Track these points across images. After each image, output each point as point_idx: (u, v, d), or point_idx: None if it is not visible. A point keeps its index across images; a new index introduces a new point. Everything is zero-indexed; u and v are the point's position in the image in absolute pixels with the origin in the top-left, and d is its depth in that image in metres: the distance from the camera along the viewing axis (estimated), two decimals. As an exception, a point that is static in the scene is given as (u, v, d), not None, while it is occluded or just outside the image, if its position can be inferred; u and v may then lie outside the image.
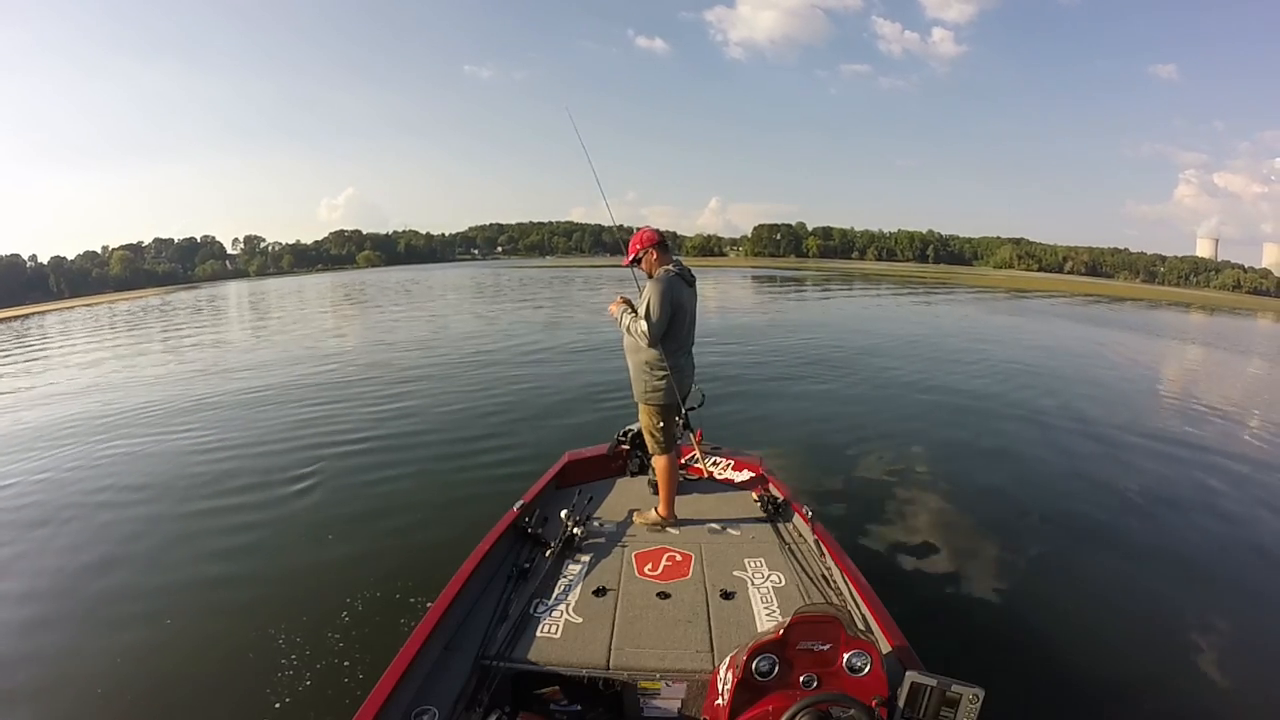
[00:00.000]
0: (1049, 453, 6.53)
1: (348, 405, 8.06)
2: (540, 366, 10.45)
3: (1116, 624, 3.55)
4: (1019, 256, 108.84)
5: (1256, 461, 6.71)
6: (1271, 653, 3.41)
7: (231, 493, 5.29)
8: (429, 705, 1.88)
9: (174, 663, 3.16)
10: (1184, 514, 5.17)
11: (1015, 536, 4.59)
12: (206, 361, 12.63)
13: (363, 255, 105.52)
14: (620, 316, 3.11)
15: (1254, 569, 4.31)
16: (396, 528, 4.52)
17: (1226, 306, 46.19)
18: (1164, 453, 6.75)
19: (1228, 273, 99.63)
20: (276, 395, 8.81)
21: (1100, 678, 3.04)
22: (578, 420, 7.07)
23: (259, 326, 20.79)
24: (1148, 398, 10.00)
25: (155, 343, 17.44)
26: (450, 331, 15.80)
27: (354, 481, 5.42)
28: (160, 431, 7.22)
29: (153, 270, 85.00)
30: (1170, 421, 8.24)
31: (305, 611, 3.46)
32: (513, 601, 2.44)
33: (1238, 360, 16.20)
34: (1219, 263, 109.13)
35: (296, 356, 12.56)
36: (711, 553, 2.83)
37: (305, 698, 2.81)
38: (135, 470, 6.00)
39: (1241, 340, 21.77)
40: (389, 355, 12.19)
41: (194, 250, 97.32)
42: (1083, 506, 5.18)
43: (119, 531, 4.73)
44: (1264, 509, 5.32)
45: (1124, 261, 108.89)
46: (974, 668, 1.73)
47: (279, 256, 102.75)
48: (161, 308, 33.87)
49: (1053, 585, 3.97)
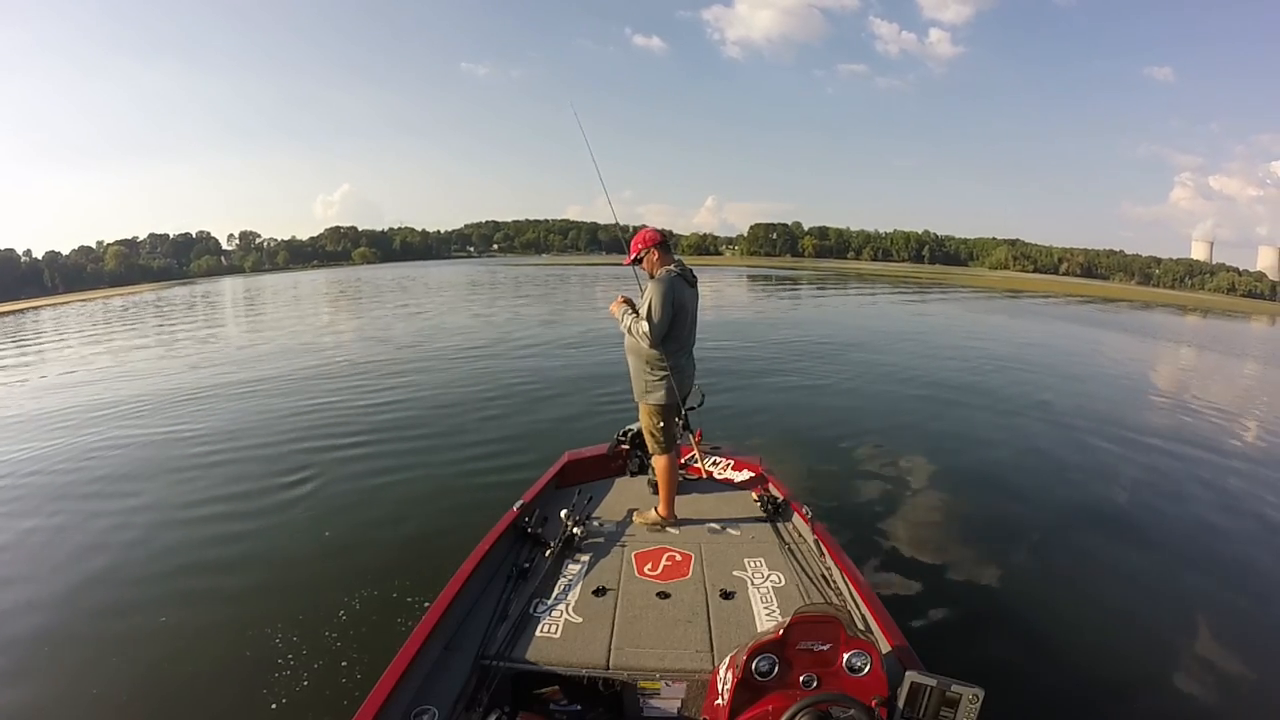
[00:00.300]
0: (1048, 452, 6.55)
1: (346, 404, 8.04)
2: (540, 365, 10.44)
3: (1117, 623, 3.57)
4: (1014, 257, 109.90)
5: (1256, 460, 6.74)
6: (1271, 650, 3.42)
7: (228, 491, 5.27)
8: (429, 705, 1.88)
9: (170, 662, 3.15)
10: (1184, 513, 5.19)
11: (1015, 536, 4.60)
12: (202, 358, 12.59)
13: (358, 252, 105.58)
14: (621, 316, 3.10)
15: (1255, 568, 4.33)
16: (396, 527, 4.51)
17: (1221, 309, 46.57)
18: (1163, 451, 6.78)
19: (1222, 275, 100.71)
20: (274, 392, 8.79)
21: (1100, 677, 3.05)
22: (578, 420, 7.07)
23: (256, 323, 20.73)
24: (1148, 398, 10.04)
25: (150, 338, 17.40)
26: (450, 329, 15.78)
27: (353, 481, 5.40)
28: (157, 428, 7.20)
29: (148, 266, 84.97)
30: (1169, 421, 8.26)
31: (304, 611, 3.45)
32: (513, 601, 2.44)
33: (1235, 363, 16.31)
34: (1214, 265, 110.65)
35: (295, 353, 12.53)
36: (711, 553, 2.84)
37: (304, 698, 2.81)
38: (133, 468, 5.98)
39: (1237, 343, 21.91)
40: (388, 353, 12.16)
41: (189, 246, 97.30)
42: (1083, 506, 5.20)
43: (110, 525, 4.72)
44: (1265, 507, 5.35)
45: (1119, 263, 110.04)
46: (974, 668, 1.73)
47: (274, 253, 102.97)
48: (156, 304, 33.70)
49: (1053, 585, 3.98)
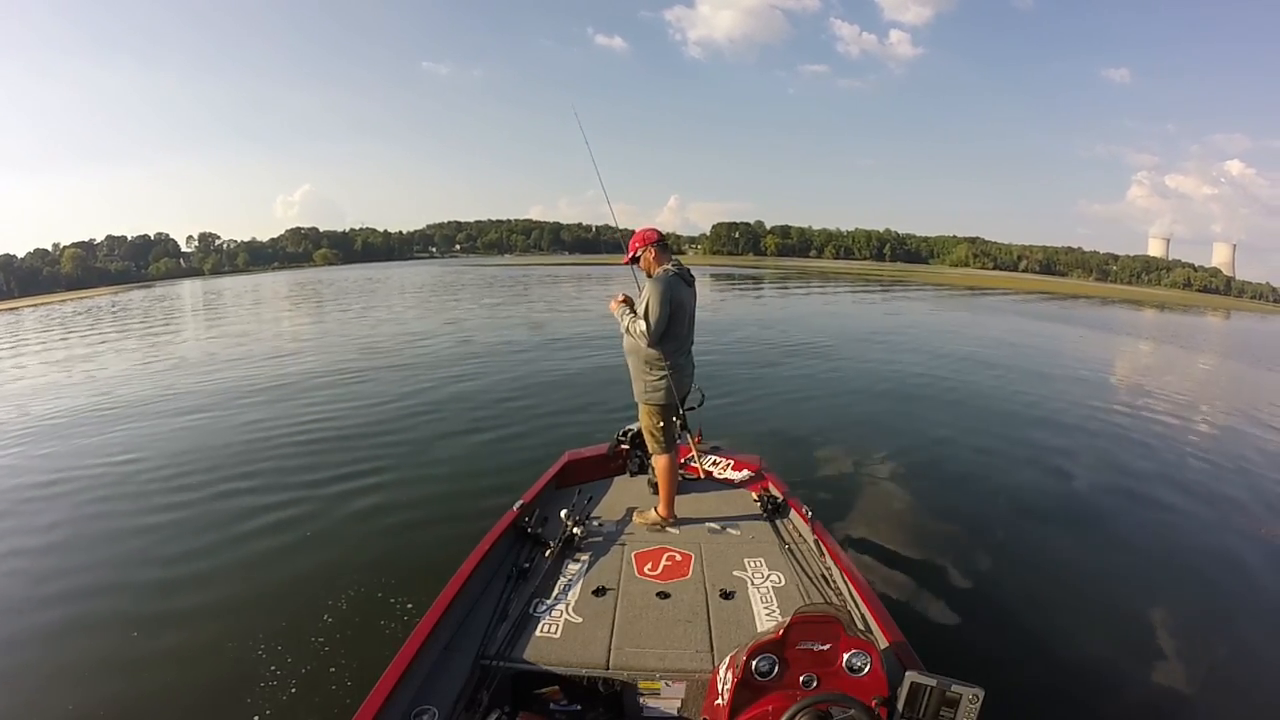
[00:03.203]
0: (1048, 451, 6.54)
1: (344, 404, 8.04)
2: (539, 366, 10.43)
3: (1118, 622, 3.56)
4: (974, 255, 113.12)
5: (1257, 458, 6.73)
6: (1271, 649, 3.42)
7: (226, 490, 5.26)
8: (429, 705, 1.88)
9: (166, 662, 3.14)
10: (1185, 512, 5.18)
11: (1016, 535, 4.60)
12: (197, 358, 12.59)
13: (319, 253, 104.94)
14: (620, 315, 3.10)
15: (1255, 567, 4.32)
16: (396, 527, 4.51)
17: (1177, 303, 47.27)
18: (1163, 450, 6.78)
19: (1178, 271, 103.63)
20: (267, 395, 8.77)
21: (1101, 676, 3.05)
22: (578, 420, 7.07)
23: (235, 325, 20.71)
24: (1148, 397, 10.03)
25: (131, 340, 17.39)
26: (439, 331, 15.74)
27: (352, 481, 5.39)
28: (153, 426, 7.22)
29: (105, 269, 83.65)
30: (1168, 418, 8.25)
31: (303, 611, 3.45)
32: (512, 601, 2.44)
33: (1204, 357, 16.86)
34: (1170, 262, 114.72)
35: (278, 357, 12.44)
36: (711, 552, 2.83)
37: (304, 698, 2.80)
38: (131, 470, 5.99)
39: (1198, 337, 22.61)
40: (384, 353, 12.13)
41: (148, 248, 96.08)
42: (1084, 505, 5.20)
43: (104, 529, 4.69)
44: (1264, 507, 5.34)
45: (1077, 260, 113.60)
46: (974, 668, 1.72)
47: (234, 254, 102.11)
48: (111, 309, 30.72)
49: (1054, 584, 3.97)
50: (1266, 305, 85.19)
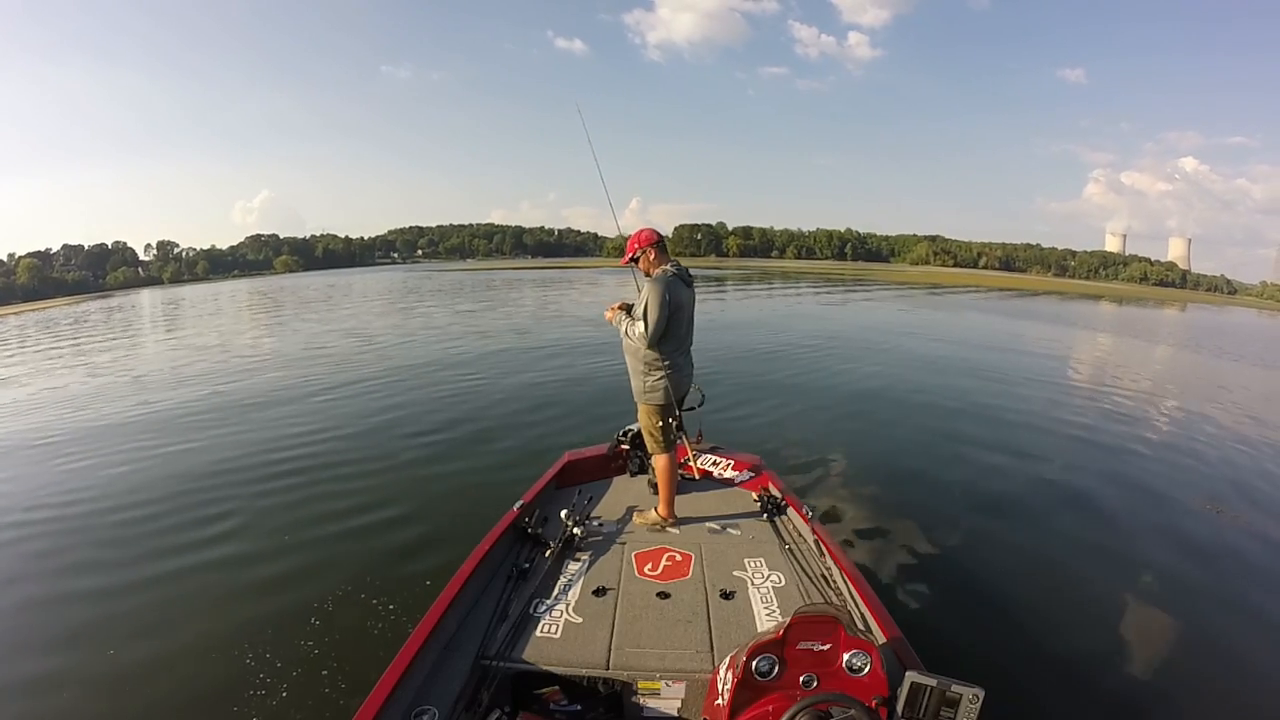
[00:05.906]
0: (1047, 450, 6.54)
1: (343, 405, 8.05)
2: (535, 367, 10.43)
3: (1118, 622, 3.55)
4: (935, 253, 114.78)
5: (1254, 456, 6.73)
6: (1270, 647, 3.41)
7: (225, 489, 5.26)
8: (429, 705, 1.88)
9: (163, 663, 3.13)
10: (1186, 510, 5.18)
11: (1016, 535, 4.59)
12: (191, 363, 12.60)
13: (280, 260, 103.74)
14: (618, 323, 3.11)
15: (1256, 567, 4.32)
16: (396, 527, 4.51)
17: (1134, 297, 47.62)
18: (1161, 450, 6.77)
19: (1135, 266, 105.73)
20: (267, 398, 8.78)
21: (1101, 676, 3.04)
22: (578, 420, 7.07)
23: (224, 332, 20.72)
24: (1146, 396, 10.03)
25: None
26: (435, 331, 15.73)
27: (353, 481, 5.40)
28: (153, 431, 7.22)
29: (62, 279, 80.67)
30: (1164, 416, 8.25)
31: (302, 611, 3.45)
32: (512, 601, 2.44)
33: (1174, 349, 17.30)
34: (1127, 256, 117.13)
35: (267, 363, 12.45)
36: (711, 552, 2.83)
37: (304, 698, 2.80)
38: (132, 473, 6.00)
39: (1159, 329, 23.23)
40: (381, 354, 12.16)
41: (105, 257, 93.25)
42: (1086, 506, 5.19)
43: (98, 539, 4.66)
44: (1261, 508, 5.34)
45: (1036, 256, 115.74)
46: (974, 668, 1.72)
47: (193, 262, 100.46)
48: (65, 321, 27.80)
49: (1054, 584, 3.97)
50: (1220, 297, 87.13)
